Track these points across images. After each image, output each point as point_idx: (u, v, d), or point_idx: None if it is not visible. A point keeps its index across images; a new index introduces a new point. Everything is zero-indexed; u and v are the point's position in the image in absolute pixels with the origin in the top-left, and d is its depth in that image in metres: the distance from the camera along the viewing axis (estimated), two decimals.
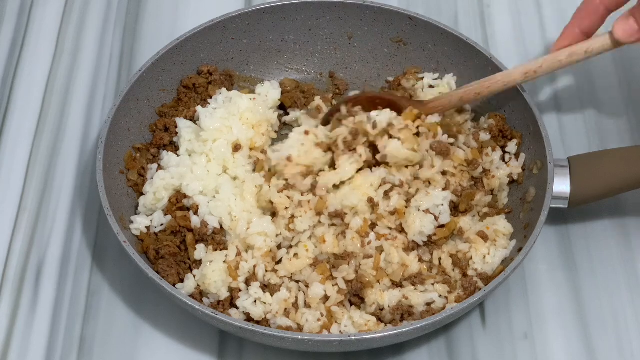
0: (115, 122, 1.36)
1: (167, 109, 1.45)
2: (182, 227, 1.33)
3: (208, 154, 1.36)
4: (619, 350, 1.31)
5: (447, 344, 1.31)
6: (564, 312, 1.34)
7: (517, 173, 1.39)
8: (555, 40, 1.33)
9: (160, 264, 1.30)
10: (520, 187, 1.39)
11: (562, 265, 1.38)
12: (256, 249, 1.30)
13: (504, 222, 1.34)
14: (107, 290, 1.35)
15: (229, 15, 1.48)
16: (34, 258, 1.38)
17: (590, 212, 1.41)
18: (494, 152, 1.39)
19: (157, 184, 1.35)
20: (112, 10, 1.67)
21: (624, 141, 1.50)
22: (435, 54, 1.49)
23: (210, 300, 1.28)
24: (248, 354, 1.30)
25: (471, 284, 1.29)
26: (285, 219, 1.31)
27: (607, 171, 1.33)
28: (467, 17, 1.67)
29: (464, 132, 1.42)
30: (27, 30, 1.63)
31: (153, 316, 1.33)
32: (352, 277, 1.28)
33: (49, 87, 1.56)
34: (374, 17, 1.50)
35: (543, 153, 1.33)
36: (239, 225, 1.30)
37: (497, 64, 1.42)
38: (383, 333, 1.20)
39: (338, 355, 1.29)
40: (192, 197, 1.33)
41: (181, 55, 1.46)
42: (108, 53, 1.61)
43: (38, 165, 1.47)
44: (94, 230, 1.41)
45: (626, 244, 1.40)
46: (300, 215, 1.31)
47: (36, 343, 1.30)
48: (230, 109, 1.40)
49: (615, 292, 1.36)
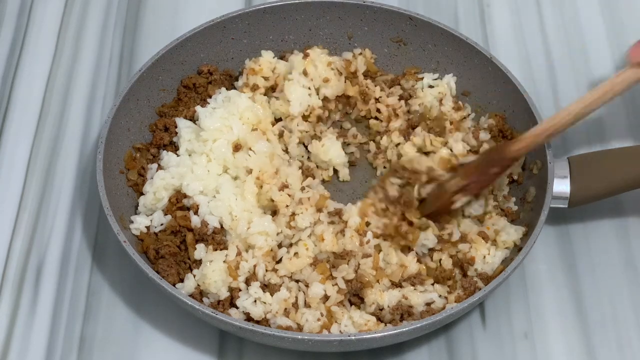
0: (115, 122, 1.37)
1: (167, 109, 1.45)
2: (182, 226, 1.33)
3: (208, 153, 1.36)
4: (619, 350, 1.31)
5: (447, 343, 1.31)
6: (564, 312, 1.34)
7: (517, 173, 1.39)
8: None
9: (160, 263, 1.30)
10: (520, 187, 1.39)
11: (562, 265, 1.38)
12: (257, 248, 1.30)
13: (511, 228, 1.33)
14: (107, 290, 1.35)
15: (229, 15, 1.48)
16: (34, 258, 1.38)
17: (590, 212, 1.41)
18: None
19: (157, 184, 1.35)
20: (112, 10, 1.67)
21: (624, 141, 1.50)
22: (435, 54, 1.49)
23: (210, 300, 1.28)
24: (248, 354, 1.30)
25: (471, 284, 1.29)
26: (286, 216, 1.31)
27: (607, 171, 1.33)
28: (467, 17, 1.67)
29: (463, 130, 1.42)
30: (27, 30, 1.63)
31: (153, 316, 1.33)
32: (352, 277, 1.28)
33: (49, 87, 1.56)
34: (374, 17, 1.50)
35: (543, 153, 1.33)
36: (239, 224, 1.30)
37: (497, 64, 1.42)
38: (383, 333, 1.20)
39: (338, 355, 1.29)
40: (192, 197, 1.33)
41: (181, 55, 1.46)
42: (108, 53, 1.61)
43: (38, 165, 1.47)
44: (94, 230, 1.41)
45: (626, 244, 1.40)
46: (301, 212, 1.31)
47: (36, 343, 1.30)
48: (230, 109, 1.40)
49: (615, 292, 1.36)
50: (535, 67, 1.60)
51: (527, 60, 1.61)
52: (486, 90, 1.45)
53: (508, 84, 1.41)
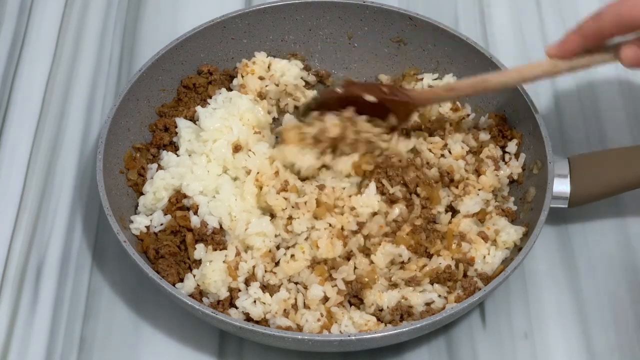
0: (115, 122, 1.36)
1: (167, 109, 1.45)
2: (182, 227, 1.33)
3: (208, 154, 1.36)
4: (619, 350, 1.31)
5: (447, 344, 1.31)
6: (564, 312, 1.34)
7: (517, 173, 1.39)
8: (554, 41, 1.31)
9: (160, 263, 1.30)
10: (520, 187, 1.39)
11: (562, 265, 1.38)
12: (255, 249, 1.30)
13: (511, 228, 1.33)
14: (107, 290, 1.35)
15: (229, 15, 1.48)
16: (34, 258, 1.38)
17: (590, 212, 1.41)
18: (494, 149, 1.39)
19: (157, 184, 1.35)
20: (112, 10, 1.67)
21: (624, 141, 1.50)
22: (435, 54, 1.49)
23: (210, 300, 1.28)
24: (248, 354, 1.30)
25: (471, 284, 1.29)
26: (284, 219, 1.31)
27: (607, 171, 1.33)
28: (467, 17, 1.67)
29: (462, 130, 1.42)
30: (27, 30, 1.63)
31: (153, 316, 1.33)
32: (352, 278, 1.28)
33: (49, 87, 1.56)
34: (374, 17, 1.50)
35: (543, 153, 1.33)
36: (238, 225, 1.30)
37: (497, 64, 1.42)
38: (383, 333, 1.20)
39: (338, 355, 1.29)
40: (192, 197, 1.33)
41: (181, 55, 1.46)
42: (108, 53, 1.61)
43: (38, 165, 1.47)
44: (94, 230, 1.41)
45: (626, 244, 1.40)
46: (298, 217, 1.31)
47: (36, 343, 1.30)
48: (230, 110, 1.40)
49: (615, 292, 1.36)
50: None
51: (527, 60, 1.60)
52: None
53: None
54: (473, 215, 1.35)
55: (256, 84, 1.46)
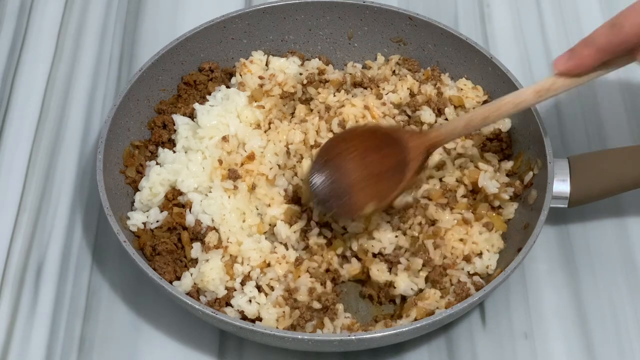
0: (115, 122, 1.37)
1: (166, 106, 1.45)
2: (178, 224, 1.32)
3: (204, 151, 1.36)
4: (619, 350, 1.31)
5: (447, 343, 1.31)
6: (564, 312, 1.34)
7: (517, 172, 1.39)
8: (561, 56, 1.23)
9: (156, 260, 1.29)
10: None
11: (562, 265, 1.38)
12: (252, 260, 1.30)
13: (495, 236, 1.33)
14: (107, 290, 1.35)
15: (229, 15, 1.48)
16: (34, 258, 1.38)
17: (590, 212, 1.41)
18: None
19: (153, 179, 1.35)
20: (112, 10, 1.67)
21: (624, 141, 1.50)
22: (435, 54, 1.49)
23: (207, 298, 1.28)
24: (248, 354, 1.30)
25: (463, 290, 1.28)
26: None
27: (607, 171, 1.33)
28: (467, 17, 1.67)
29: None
30: (27, 30, 1.63)
31: (153, 316, 1.33)
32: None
33: (49, 87, 1.57)
34: (374, 17, 1.50)
35: (543, 153, 1.33)
36: (228, 224, 1.31)
37: (497, 64, 1.42)
38: (383, 333, 1.20)
39: (338, 355, 1.29)
40: (186, 194, 1.33)
41: (181, 55, 1.46)
42: (108, 53, 1.61)
43: (38, 165, 1.47)
44: (94, 230, 1.41)
45: (626, 244, 1.40)
46: (275, 264, 1.31)
47: (36, 343, 1.30)
48: (228, 107, 1.40)
49: (615, 292, 1.36)
50: (535, 67, 1.60)
51: (527, 60, 1.61)
52: (486, 90, 1.45)
53: (508, 84, 1.41)
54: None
55: (255, 83, 1.46)
